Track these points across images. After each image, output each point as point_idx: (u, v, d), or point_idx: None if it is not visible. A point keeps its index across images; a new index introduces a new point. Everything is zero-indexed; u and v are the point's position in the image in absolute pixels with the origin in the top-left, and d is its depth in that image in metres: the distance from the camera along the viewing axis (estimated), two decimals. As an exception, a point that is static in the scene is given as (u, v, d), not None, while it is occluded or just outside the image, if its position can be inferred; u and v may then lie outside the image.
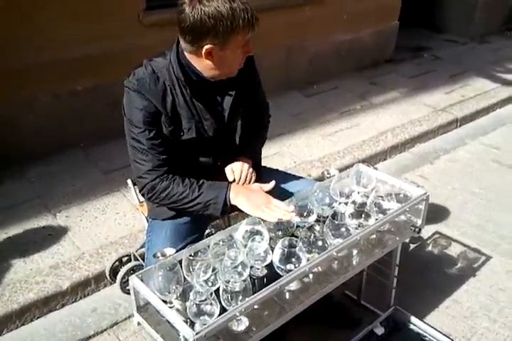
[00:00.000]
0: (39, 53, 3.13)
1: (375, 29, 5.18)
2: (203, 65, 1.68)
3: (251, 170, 1.90)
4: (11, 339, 2.21)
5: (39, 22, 3.09)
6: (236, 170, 1.88)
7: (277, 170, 2.19)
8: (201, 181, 1.77)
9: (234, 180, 1.85)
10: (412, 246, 2.79)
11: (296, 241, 1.56)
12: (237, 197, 1.73)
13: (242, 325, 1.46)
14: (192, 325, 1.39)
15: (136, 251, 2.34)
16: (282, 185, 2.03)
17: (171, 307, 1.45)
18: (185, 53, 1.68)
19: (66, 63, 3.25)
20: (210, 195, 1.73)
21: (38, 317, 2.32)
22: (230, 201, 1.73)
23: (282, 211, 1.67)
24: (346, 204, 1.83)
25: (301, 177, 2.19)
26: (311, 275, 1.65)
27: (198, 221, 1.92)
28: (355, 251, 1.80)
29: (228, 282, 1.43)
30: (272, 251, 1.56)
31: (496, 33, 6.66)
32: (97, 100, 3.42)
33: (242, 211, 1.76)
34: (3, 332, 2.23)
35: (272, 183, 1.81)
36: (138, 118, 1.70)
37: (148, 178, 1.75)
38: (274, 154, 3.54)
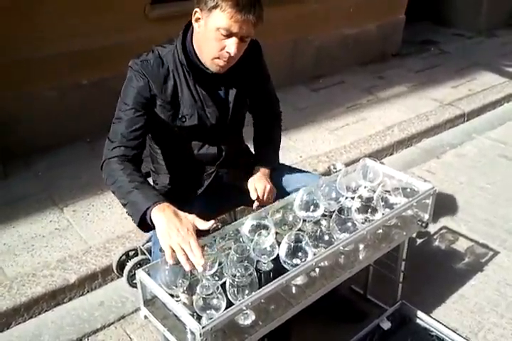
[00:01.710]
0: (41, 47, 3.13)
1: (381, 23, 5.15)
2: (195, 40, 1.70)
3: (273, 190, 1.91)
4: (19, 332, 2.23)
5: (41, 16, 3.09)
6: (259, 189, 1.87)
7: (283, 164, 2.19)
8: (147, 182, 1.64)
9: (257, 198, 1.86)
10: (418, 240, 2.78)
11: (303, 235, 1.56)
12: (159, 213, 1.50)
13: (248, 318, 1.47)
14: (198, 318, 1.40)
15: (143, 245, 2.34)
16: (288, 180, 2.03)
17: (177, 301, 1.45)
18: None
19: (70, 57, 3.25)
20: (138, 198, 1.55)
21: (45, 311, 2.33)
22: (150, 212, 1.52)
23: (193, 258, 1.41)
24: (353, 198, 1.83)
25: (307, 172, 2.18)
26: (317, 270, 1.66)
27: (204, 216, 1.92)
28: (361, 246, 1.80)
29: (235, 276, 1.44)
30: (279, 245, 1.56)
31: (504, 26, 6.60)
32: (102, 94, 3.40)
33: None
34: (11, 325, 2.25)
35: (210, 223, 1.54)
36: (130, 96, 1.70)
37: (107, 155, 1.68)
38: (280, 149, 3.54)
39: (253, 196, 1.86)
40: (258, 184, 1.89)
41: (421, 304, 2.26)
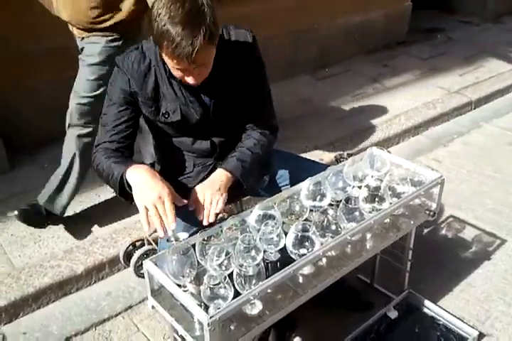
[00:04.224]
0: (42, 40, 3.11)
1: (387, 10, 5.10)
2: None
3: (222, 203, 1.65)
4: (27, 323, 2.24)
5: (42, 8, 3.05)
6: (200, 200, 1.62)
7: (291, 153, 2.17)
8: (123, 158, 1.69)
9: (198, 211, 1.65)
10: (425, 229, 2.77)
11: (310, 225, 1.55)
12: (133, 172, 1.57)
13: (255, 308, 1.47)
14: (206, 308, 1.40)
15: (150, 236, 2.34)
16: (295, 170, 2.01)
17: (185, 291, 1.45)
18: None
19: (72, 49, 3.23)
20: (113, 168, 1.63)
21: (53, 301, 2.34)
22: (125, 175, 1.58)
23: (165, 220, 1.49)
24: (360, 188, 1.82)
25: (314, 162, 2.17)
26: (324, 260, 1.65)
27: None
28: (368, 235, 1.79)
29: (242, 266, 1.43)
30: (285, 235, 1.56)
31: (511, 13, 6.52)
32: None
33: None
34: (19, 316, 2.26)
35: (183, 202, 1.60)
36: (113, 92, 1.74)
37: (94, 148, 1.77)
38: (286, 139, 3.52)
39: (190, 206, 1.64)
40: (200, 193, 1.65)
41: (428, 293, 2.26)
